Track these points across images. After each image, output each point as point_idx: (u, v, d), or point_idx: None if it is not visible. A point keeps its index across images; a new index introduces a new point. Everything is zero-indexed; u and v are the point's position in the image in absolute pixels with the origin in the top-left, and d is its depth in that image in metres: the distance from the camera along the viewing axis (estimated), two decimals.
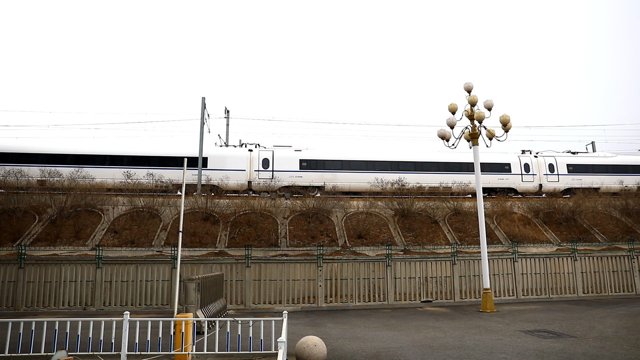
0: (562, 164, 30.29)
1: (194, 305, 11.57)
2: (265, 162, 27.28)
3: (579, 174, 30.16)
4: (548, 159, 30.35)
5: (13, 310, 16.33)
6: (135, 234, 20.35)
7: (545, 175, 29.85)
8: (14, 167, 24.89)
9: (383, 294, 18.30)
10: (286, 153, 27.69)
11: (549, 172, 29.98)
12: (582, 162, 30.59)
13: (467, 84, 17.34)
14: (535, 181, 29.67)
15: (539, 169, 30.08)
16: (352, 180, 27.67)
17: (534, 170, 29.96)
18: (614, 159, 31.15)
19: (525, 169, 29.78)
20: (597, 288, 19.70)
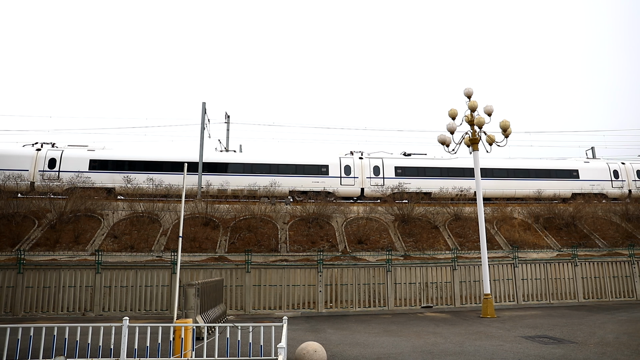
0: (390, 167, 28.21)
1: (193, 311, 11.52)
2: None
3: (408, 178, 28.01)
4: (374, 161, 28.27)
5: (12, 316, 16.27)
6: (135, 239, 20.31)
7: (368, 179, 27.73)
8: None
9: (383, 300, 18.24)
10: None
11: (374, 174, 27.87)
12: (413, 165, 28.57)
13: (467, 89, 17.39)
14: (356, 184, 27.58)
15: (362, 171, 27.96)
16: None
17: (356, 172, 27.82)
18: (449, 161, 28.91)
19: (345, 172, 27.64)
20: (598, 293, 19.65)
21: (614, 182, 29.95)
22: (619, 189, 29.84)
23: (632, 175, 30.30)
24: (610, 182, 29.86)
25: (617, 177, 30.04)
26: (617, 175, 30.08)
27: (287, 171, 27.11)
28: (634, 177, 30.22)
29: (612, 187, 29.77)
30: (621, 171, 30.32)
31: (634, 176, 30.26)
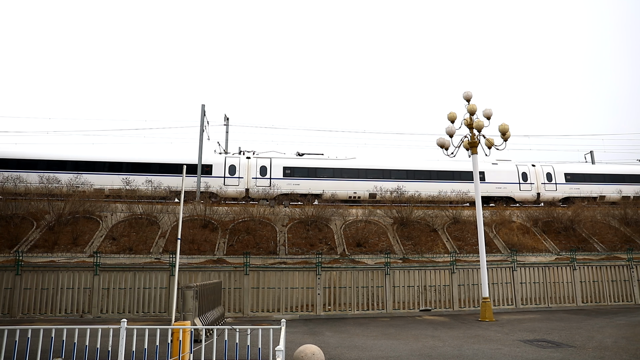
0: (278, 167, 27.43)
1: (191, 313, 11.51)
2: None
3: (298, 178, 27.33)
4: (262, 161, 27.63)
5: (9, 318, 16.22)
6: (134, 240, 20.29)
7: (254, 179, 27.17)
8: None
9: (382, 303, 18.22)
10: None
11: (260, 175, 27.20)
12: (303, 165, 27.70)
13: (466, 92, 17.43)
14: (241, 185, 26.93)
15: (248, 171, 27.30)
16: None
17: (242, 172, 27.25)
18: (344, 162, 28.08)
19: (230, 172, 27.09)
20: (596, 297, 19.65)
21: (522, 184, 29.29)
22: (527, 192, 29.24)
23: (541, 177, 29.65)
24: (518, 185, 29.23)
25: (525, 180, 29.38)
26: (525, 178, 29.43)
27: (170, 170, 26.44)
28: (543, 180, 29.57)
29: (519, 190, 29.20)
30: (530, 173, 29.71)
31: (544, 179, 29.62)
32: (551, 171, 30.12)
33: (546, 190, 29.47)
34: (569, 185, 30.02)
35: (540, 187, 29.56)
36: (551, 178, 29.89)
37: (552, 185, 29.80)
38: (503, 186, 29.18)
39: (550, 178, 29.92)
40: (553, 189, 29.72)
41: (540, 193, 29.48)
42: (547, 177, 29.90)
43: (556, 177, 30.06)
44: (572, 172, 30.52)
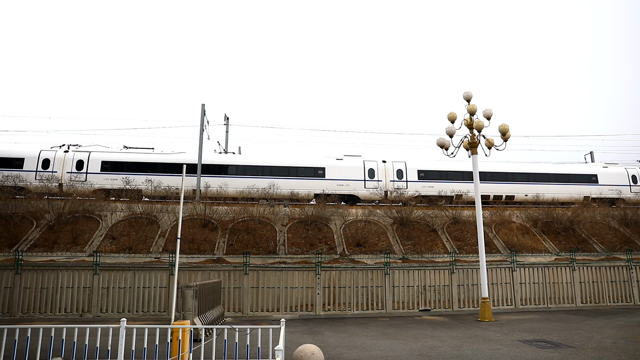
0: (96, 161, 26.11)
1: (191, 313, 11.52)
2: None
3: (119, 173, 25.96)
4: (80, 155, 26.27)
5: (9, 317, 16.22)
6: (133, 240, 20.30)
7: (69, 174, 25.65)
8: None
9: (381, 303, 18.23)
10: None
11: (76, 169, 25.86)
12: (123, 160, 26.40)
13: (467, 93, 17.44)
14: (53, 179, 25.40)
15: (63, 165, 25.89)
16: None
17: (56, 167, 25.75)
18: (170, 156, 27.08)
19: (44, 166, 25.54)
20: (596, 298, 19.67)
21: (368, 182, 27.67)
22: (373, 189, 27.60)
23: (391, 174, 28.04)
24: (363, 182, 27.58)
25: (372, 177, 27.74)
26: (372, 175, 27.82)
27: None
28: (393, 177, 28.00)
29: (364, 188, 27.52)
30: (378, 170, 28.02)
31: (393, 176, 28.06)
32: (403, 168, 28.39)
33: (395, 188, 27.73)
34: (422, 183, 28.35)
35: (388, 185, 27.85)
36: (402, 175, 28.22)
37: (402, 182, 28.09)
38: (345, 183, 27.41)
39: (401, 175, 28.22)
40: (403, 187, 27.90)
41: (388, 191, 27.79)
42: (398, 174, 28.17)
43: (408, 174, 28.35)
44: (427, 169, 28.77)
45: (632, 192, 30.71)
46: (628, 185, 30.81)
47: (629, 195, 30.54)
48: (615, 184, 30.70)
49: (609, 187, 30.47)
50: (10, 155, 25.78)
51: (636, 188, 30.85)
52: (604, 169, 31.18)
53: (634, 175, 31.13)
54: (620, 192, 30.48)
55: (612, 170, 31.18)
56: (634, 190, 30.77)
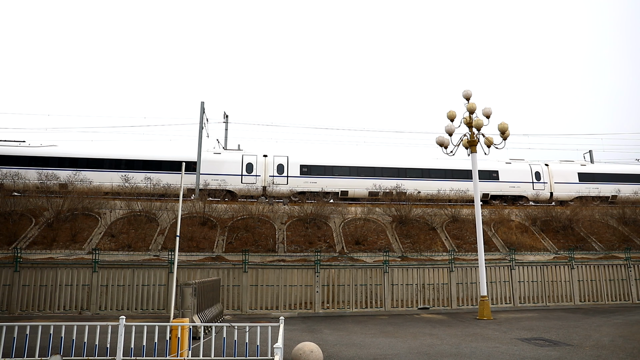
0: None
1: (190, 310, 11.52)
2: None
3: None
4: None
5: (8, 314, 16.23)
6: (132, 237, 20.29)
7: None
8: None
9: (380, 301, 18.26)
10: None
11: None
12: None
13: (466, 91, 17.43)
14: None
15: None
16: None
17: None
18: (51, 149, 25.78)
19: None
20: (594, 296, 19.72)
21: (245, 177, 26.72)
22: (251, 184, 26.58)
23: (270, 169, 26.89)
24: (240, 177, 26.67)
25: (250, 172, 26.73)
26: (251, 170, 26.89)
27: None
28: (272, 172, 26.87)
29: (241, 183, 26.52)
30: (258, 165, 26.99)
31: (273, 171, 26.91)
32: (284, 162, 27.23)
33: (275, 184, 26.71)
34: (304, 178, 27.10)
35: (267, 180, 26.79)
36: (283, 170, 27.10)
37: (283, 178, 26.99)
38: (221, 178, 26.50)
39: (282, 170, 27.09)
40: (284, 182, 26.82)
41: (267, 186, 26.74)
42: (279, 168, 27.03)
43: (290, 169, 27.02)
44: (310, 163, 27.48)
45: (535, 189, 29.36)
46: (531, 182, 29.40)
47: (531, 193, 29.28)
48: (517, 180, 29.29)
49: (510, 184, 29.07)
50: None
51: (540, 185, 29.48)
52: (506, 165, 29.70)
53: (537, 172, 29.68)
54: (523, 189, 29.07)
55: (515, 167, 29.72)
56: (537, 187, 29.41)
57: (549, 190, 29.68)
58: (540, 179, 29.68)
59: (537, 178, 29.66)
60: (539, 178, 29.67)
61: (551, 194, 29.70)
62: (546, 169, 30.14)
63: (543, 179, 29.71)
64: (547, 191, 29.63)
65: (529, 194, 29.30)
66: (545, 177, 29.81)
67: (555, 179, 29.82)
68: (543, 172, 29.92)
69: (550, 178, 29.94)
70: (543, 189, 29.56)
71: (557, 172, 30.12)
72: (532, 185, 29.45)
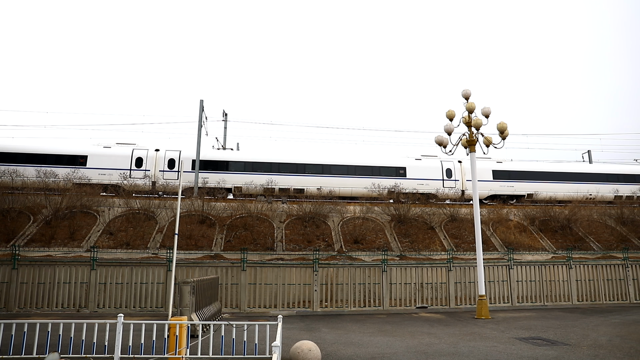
0: None
1: (188, 309, 11.52)
2: None
3: None
4: None
5: (6, 312, 16.21)
6: (131, 235, 20.27)
7: None
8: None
9: (378, 300, 18.28)
10: None
11: None
12: None
13: (465, 90, 17.44)
14: None
15: None
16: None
17: None
18: None
19: None
20: (592, 296, 19.76)
21: (135, 171, 25.86)
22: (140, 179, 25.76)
23: (161, 164, 26.23)
24: (128, 172, 25.75)
25: (140, 166, 26.01)
26: (140, 164, 26.06)
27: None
28: (163, 167, 26.23)
29: (129, 177, 25.79)
30: (147, 159, 26.29)
31: (164, 165, 26.30)
32: (176, 157, 26.70)
33: (165, 179, 26.14)
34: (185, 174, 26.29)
35: (157, 175, 26.19)
36: (174, 165, 26.59)
37: (174, 173, 26.37)
38: (109, 173, 25.80)
39: (172, 165, 26.61)
40: (174, 178, 26.19)
41: (156, 182, 26.08)
42: (170, 163, 26.62)
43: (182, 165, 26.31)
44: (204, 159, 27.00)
45: (446, 186, 28.35)
46: (441, 179, 28.42)
47: (441, 190, 28.22)
48: (426, 177, 28.30)
49: (418, 182, 28.07)
50: None
51: (451, 182, 28.49)
52: (414, 162, 28.73)
53: (448, 168, 28.65)
54: (432, 186, 28.13)
55: (424, 163, 28.72)
56: (448, 185, 28.39)
57: (460, 188, 28.66)
58: (451, 176, 28.66)
59: (448, 175, 28.67)
60: (450, 175, 28.66)
61: (463, 192, 28.70)
62: (459, 165, 29.10)
63: (454, 176, 28.67)
64: (458, 189, 28.62)
65: (438, 191, 28.26)
66: (457, 174, 28.79)
67: (468, 177, 28.72)
68: (455, 169, 28.88)
69: (462, 175, 28.93)
70: (454, 186, 28.51)
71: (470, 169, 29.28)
72: (443, 182, 28.44)
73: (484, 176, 28.66)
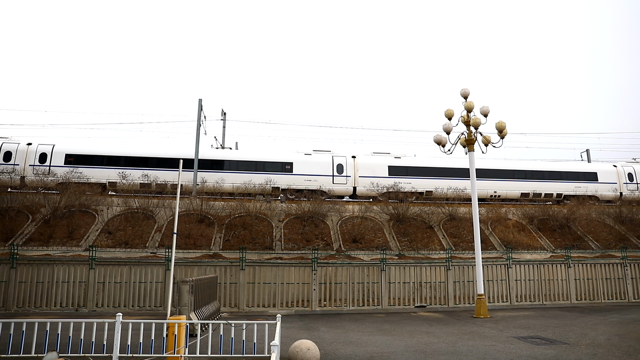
0: None
1: (187, 308, 11.51)
2: None
3: None
4: None
5: (4, 311, 16.19)
6: (130, 235, 20.25)
7: None
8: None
9: (377, 299, 18.29)
10: None
11: None
12: None
13: (464, 90, 17.44)
14: None
15: None
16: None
17: None
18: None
19: None
20: (590, 295, 19.79)
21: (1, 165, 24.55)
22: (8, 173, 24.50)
23: (32, 159, 25.17)
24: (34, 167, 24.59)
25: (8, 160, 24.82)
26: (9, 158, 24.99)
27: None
28: (33, 161, 25.14)
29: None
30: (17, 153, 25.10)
31: (34, 160, 25.18)
32: (48, 151, 25.59)
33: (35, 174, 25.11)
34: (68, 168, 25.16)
35: (27, 170, 25.13)
36: (46, 159, 25.45)
37: (45, 167, 25.38)
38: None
39: (44, 159, 25.44)
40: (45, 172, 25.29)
41: (25, 176, 25.07)
42: (41, 158, 25.35)
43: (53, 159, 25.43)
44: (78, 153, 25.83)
45: (336, 183, 27.10)
46: (331, 175, 27.10)
47: (330, 187, 26.99)
48: (315, 173, 26.98)
49: (305, 177, 26.82)
50: None
51: (341, 179, 27.22)
52: (303, 157, 27.55)
53: (340, 164, 27.40)
54: (321, 183, 26.89)
55: (313, 159, 27.50)
56: (338, 181, 27.12)
57: (352, 185, 27.39)
58: (342, 172, 27.44)
59: (339, 171, 27.42)
60: (342, 171, 27.42)
61: (354, 189, 27.44)
62: (352, 161, 27.84)
63: (346, 172, 27.41)
64: (349, 185, 27.35)
65: (327, 188, 27.00)
66: (349, 170, 27.52)
67: (361, 172, 27.49)
68: (347, 164, 27.59)
69: (355, 171, 27.60)
70: (345, 182, 27.24)
71: (364, 165, 27.76)
72: (333, 179, 27.19)
73: (379, 172, 27.67)
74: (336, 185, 27.17)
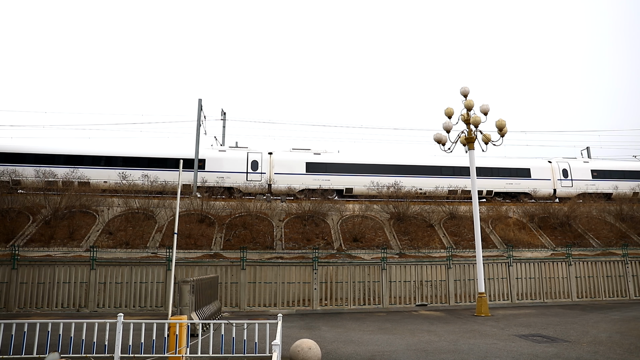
0: None
1: (188, 308, 11.52)
2: None
3: None
4: None
5: (5, 312, 16.20)
6: (130, 235, 20.26)
7: None
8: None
9: (378, 298, 18.29)
10: None
11: None
12: None
13: (464, 88, 17.42)
14: None
15: None
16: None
17: None
18: None
19: None
20: (591, 293, 19.79)
21: None
22: None
23: None
24: None
25: None
26: None
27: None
28: None
29: None
30: None
31: None
32: None
33: None
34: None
35: None
36: None
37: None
38: None
39: None
40: None
41: None
42: None
43: None
44: None
45: (250, 179, 26.71)
46: (245, 172, 26.77)
47: (244, 184, 26.61)
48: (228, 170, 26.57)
49: (217, 175, 26.52)
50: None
51: (256, 176, 26.78)
52: (218, 153, 27.12)
53: (255, 160, 26.95)
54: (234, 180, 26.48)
55: (227, 155, 27.06)
56: (252, 178, 26.68)
57: (266, 182, 26.86)
58: (257, 168, 26.89)
59: (254, 168, 26.86)
60: (256, 168, 26.87)
61: (269, 185, 26.92)
62: (267, 157, 27.27)
63: (261, 169, 26.86)
64: (264, 182, 26.79)
65: (240, 185, 26.51)
66: (264, 166, 26.99)
67: (277, 169, 27.01)
68: (262, 161, 27.03)
69: (270, 168, 27.09)
70: (259, 179, 26.72)
71: (280, 161, 27.24)
72: (247, 175, 26.67)
73: (296, 169, 27.24)
74: (250, 183, 26.69)
